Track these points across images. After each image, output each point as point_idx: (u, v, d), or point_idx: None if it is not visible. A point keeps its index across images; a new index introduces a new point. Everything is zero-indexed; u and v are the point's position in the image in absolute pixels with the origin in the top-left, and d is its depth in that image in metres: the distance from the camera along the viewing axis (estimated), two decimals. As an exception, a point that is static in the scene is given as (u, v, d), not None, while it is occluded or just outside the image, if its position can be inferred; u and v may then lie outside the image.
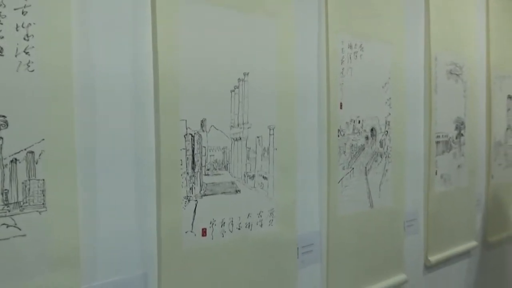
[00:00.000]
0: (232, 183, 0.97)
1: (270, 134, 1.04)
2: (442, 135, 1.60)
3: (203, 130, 0.92)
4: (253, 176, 1.01)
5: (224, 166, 0.96)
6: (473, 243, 1.75)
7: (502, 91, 1.92)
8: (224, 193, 0.96)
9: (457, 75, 1.66)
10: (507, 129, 2.00)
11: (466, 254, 1.73)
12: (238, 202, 0.98)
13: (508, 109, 1.99)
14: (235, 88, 0.97)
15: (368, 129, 1.30)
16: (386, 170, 1.36)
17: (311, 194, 1.15)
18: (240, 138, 0.98)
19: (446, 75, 1.60)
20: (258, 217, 1.02)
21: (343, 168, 1.22)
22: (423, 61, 1.50)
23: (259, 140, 1.02)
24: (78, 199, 0.73)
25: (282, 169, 1.05)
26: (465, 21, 1.70)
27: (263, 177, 1.03)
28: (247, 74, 0.99)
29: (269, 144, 1.03)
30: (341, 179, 1.21)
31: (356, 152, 1.26)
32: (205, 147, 0.92)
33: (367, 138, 1.30)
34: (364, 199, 1.29)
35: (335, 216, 1.19)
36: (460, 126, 1.68)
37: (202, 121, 0.92)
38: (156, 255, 0.85)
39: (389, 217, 1.37)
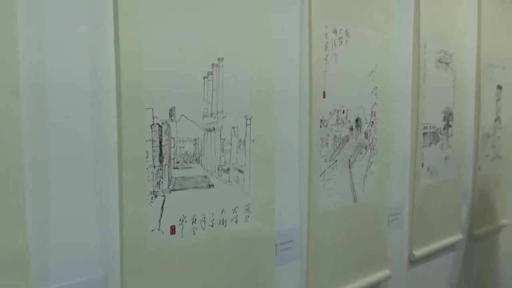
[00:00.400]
0: (205, 177, 0.91)
1: (246, 125, 0.97)
2: (430, 126, 1.55)
3: (172, 120, 0.84)
4: (228, 169, 0.94)
5: (196, 158, 0.89)
6: (458, 236, 1.71)
7: (492, 81, 1.87)
8: (195, 187, 0.89)
9: (446, 63, 1.60)
10: (496, 120, 1.96)
11: (451, 247, 1.70)
12: (211, 197, 0.91)
13: (497, 100, 1.94)
14: (208, 75, 0.89)
15: (352, 120, 1.24)
16: (371, 163, 1.30)
17: (291, 188, 1.09)
18: (214, 129, 0.91)
19: (435, 64, 1.54)
20: (233, 213, 0.95)
21: (326, 161, 1.16)
22: (412, 48, 1.44)
23: (234, 131, 0.95)
24: (26, 198, 0.65)
25: (259, 162, 0.99)
26: (457, 8, 1.63)
27: (239, 170, 0.96)
28: (222, 59, 0.91)
29: (246, 135, 0.96)
30: (323, 172, 1.15)
31: (339, 144, 1.20)
32: (174, 138, 0.85)
33: (351, 129, 1.23)
34: (347, 193, 1.23)
35: (316, 211, 1.14)
36: (448, 117, 1.63)
37: (171, 110, 0.84)
38: (118, 255, 0.78)
39: (373, 212, 1.32)
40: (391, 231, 1.41)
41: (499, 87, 1.94)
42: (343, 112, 1.20)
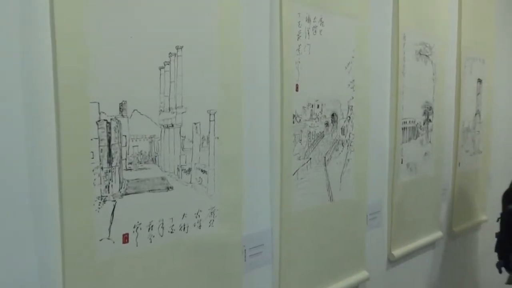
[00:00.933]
0: (163, 178, 0.82)
1: (210, 120, 0.88)
2: (409, 121, 1.49)
3: (122, 115, 0.75)
4: (189, 169, 0.85)
5: (152, 158, 0.80)
6: (438, 234, 1.67)
7: (472, 74, 1.83)
8: (152, 190, 0.80)
9: (426, 56, 1.54)
10: (476, 114, 1.92)
11: (431, 245, 1.66)
12: (170, 200, 0.83)
13: (478, 94, 1.90)
14: (165, 65, 0.80)
15: (328, 115, 1.16)
16: (348, 160, 1.23)
17: (261, 189, 1.01)
18: (172, 125, 0.82)
19: (415, 56, 1.48)
20: (196, 217, 0.87)
21: (299, 159, 1.08)
22: (391, 39, 1.37)
23: (196, 127, 0.86)
24: None
25: (225, 161, 0.90)
26: (437, -3, 1.58)
27: (202, 170, 0.87)
28: (181, 48, 0.82)
29: (209, 132, 0.88)
30: (297, 170, 1.08)
31: (314, 141, 1.13)
32: (126, 136, 0.76)
33: (327, 124, 1.16)
34: (322, 192, 1.16)
35: (289, 212, 1.06)
36: (428, 111, 1.58)
37: (121, 104, 0.75)
38: (61, 270, 0.69)
39: (350, 211, 1.25)
40: (370, 230, 1.35)
41: (479, 80, 1.90)
42: (318, 107, 1.13)
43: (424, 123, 1.56)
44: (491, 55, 1.95)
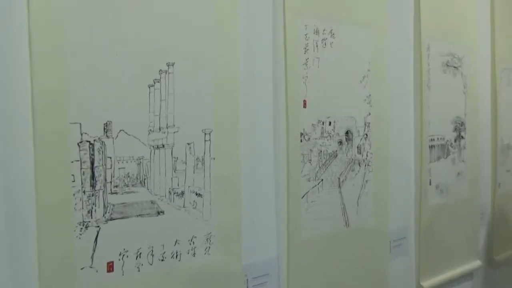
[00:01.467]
0: (152, 202, 0.77)
1: (205, 140, 0.83)
2: (438, 138, 1.37)
3: (107, 136, 0.71)
4: (182, 193, 0.80)
5: (140, 181, 0.75)
6: (476, 263, 1.51)
7: (510, 86, 1.67)
8: (140, 215, 0.75)
9: (455, 67, 1.42)
10: (517, 130, 1.76)
11: (468, 276, 1.49)
12: (161, 226, 0.77)
13: (518, 107, 1.74)
14: (154, 82, 0.76)
15: (342, 132, 1.08)
16: (366, 181, 1.13)
17: (266, 213, 0.94)
18: (163, 146, 0.78)
19: (442, 68, 1.37)
20: (190, 244, 0.81)
21: (309, 180, 1.00)
22: (413, 50, 1.27)
23: (190, 148, 0.81)
24: None
25: (222, 183, 0.84)
26: (463, 3, 1.46)
27: (196, 194, 0.82)
28: (172, 64, 0.78)
29: (204, 153, 0.82)
30: (306, 193, 1.00)
31: (326, 160, 1.04)
32: (111, 157, 0.72)
33: (340, 143, 1.08)
34: (337, 216, 1.07)
35: (298, 239, 0.98)
36: (459, 127, 1.45)
37: (106, 125, 0.71)
38: (37, 300, 0.65)
39: (370, 237, 1.14)
40: (394, 259, 1.23)
41: (519, 93, 1.74)
42: (330, 124, 1.05)
43: (455, 140, 1.43)
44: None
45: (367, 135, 1.13)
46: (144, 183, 0.76)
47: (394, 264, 1.22)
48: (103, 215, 0.71)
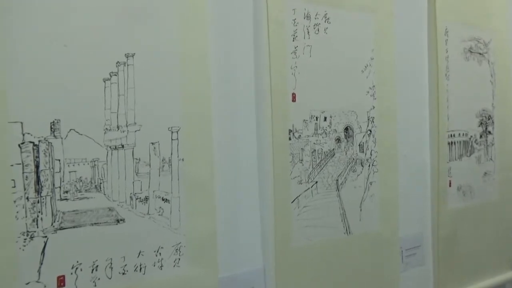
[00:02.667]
0: (110, 209, 0.69)
1: (172, 139, 0.74)
2: (461, 134, 1.22)
3: (55, 136, 0.64)
4: (146, 198, 0.72)
5: (96, 186, 0.68)
6: (508, 274, 1.33)
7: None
8: (96, 224, 0.68)
9: (480, 54, 1.26)
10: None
11: (499, 288, 1.33)
12: (121, 235, 0.70)
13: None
14: (111, 76, 0.69)
15: (340, 129, 0.96)
16: (371, 183, 1.01)
17: (249, 220, 0.84)
18: (123, 146, 0.70)
19: (464, 55, 1.21)
20: (156, 255, 0.73)
21: (300, 183, 0.90)
22: (427, 36, 1.13)
23: (154, 148, 0.73)
24: None
25: (193, 187, 0.75)
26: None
27: (163, 199, 0.73)
28: (132, 55, 0.70)
29: (171, 153, 0.74)
30: (297, 197, 0.89)
31: (321, 160, 0.93)
32: (59, 160, 0.65)
33: (338, 140, 0.96)
34: (335, 223, 0.95)
35: (287, 249, 0.87)
36: (486, 121, 1.28)
37: (53, 123, 0.64)
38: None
39: (376, 246, 1.02)
40: (407, 270, 1.09)
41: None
42: (325, 119, 0.94)
43: (481, 136, 1.27)
44: None
45: (371, 131, 1.01)
46: (100, 188, 0.68)
47: (407, 275, 1.09)
48: (52, 224, 0.64)
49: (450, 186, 1.18)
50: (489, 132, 1.29)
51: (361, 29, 0.98)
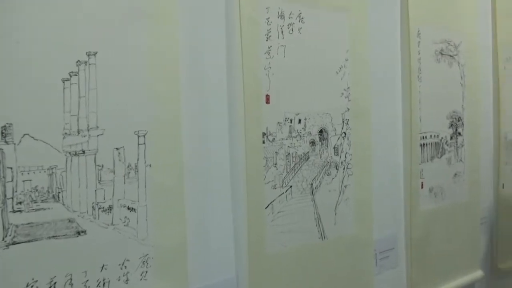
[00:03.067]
0: (70, 220, 0.64)
1: (139, 144, 0.69)
2: (432, 135, 1.23)
3: (6, 142, 0.58)
4: (110, 208, 0.67)
5: (54, 195, 0.62)
6: (478, 273, 1.36)
7: (515, 76, 1.52)
8: (54, 237, 0.62)
9: (450, 56, 1.27)
10: (524, 124, 1.60)
11: (469, 287, 1.35)
12: (82, 248, 0.64)
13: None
14: (71, 76, 0.63)
15: (314, 131, 0.94)
16: (345, 187, 0.99)
17: (221, 228, 0.80)
18: (84, 152, 0.65)
19: (435, 57, 1.22)
20: (121, 268, 0.68)
21: (274, 188, 0.87)
22: (400, 37, 1.13)
23: (119, 154, 0.68)
24: None
25: (161, 194, 0.71)
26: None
27: (129, 208, 0.69)
28: (94, 54, 0.65)
29: (138, 159, 0.69)
30: (271, 202, 0.86)
31: (295, 164, 0.91)
32: (11, 168, 0.59)
33: (313, 143, 0.94)
34: (310, 228, 0.93)
35: (261, 256, 0.84)
36: (456, 123, 1.30)
37: (4, 128, 0.58)
38: None
39: (351, 250, 1.00)
40: (381, 273, 1.09)
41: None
42: (300, 122, 0.91)
43: (451, 138, 1.28)
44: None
45: (345, 133, 0.99)
46: (59, 197, 0.63)
47: (381, 278, 1.08)
48: (3, 238, 0.58)
49: (422, 187, 1.19)
50: (459, 133, 1.31)
51: (336, 30, 0.96)
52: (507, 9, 1.45)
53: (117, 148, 0.67)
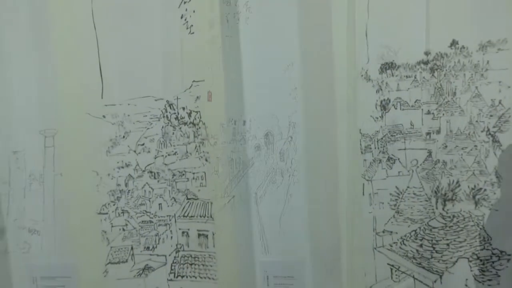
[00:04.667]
0: None
1: (46, 147, 0.54)
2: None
3: None
4: (2, 231, 0.51)
5: None
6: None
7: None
8: None
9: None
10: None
11: None
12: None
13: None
14: None
15: (260, 135, 0.85)
16: (290, 195, 0.91)
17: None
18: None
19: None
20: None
21: (221, 197, 0.76)
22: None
23: (17, 159, 0.52)
24: None
25: (77, 209, 0.56)
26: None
27: (29, 230, 0.53)
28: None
29: (44, 166, 0.54)
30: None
31: (239, 171, 0.81)
32: None
33: (258, 148, 0.84)
34: (253, 241, 0.84)
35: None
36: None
37: None
38: None
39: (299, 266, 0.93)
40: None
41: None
42: (244, 124, 0.81)
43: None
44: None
45: (292, 137, 0.91)
46: None
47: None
48: None
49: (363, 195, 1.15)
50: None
51: (287, 22, 0.88)
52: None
53: (14, 152, 0.52)
